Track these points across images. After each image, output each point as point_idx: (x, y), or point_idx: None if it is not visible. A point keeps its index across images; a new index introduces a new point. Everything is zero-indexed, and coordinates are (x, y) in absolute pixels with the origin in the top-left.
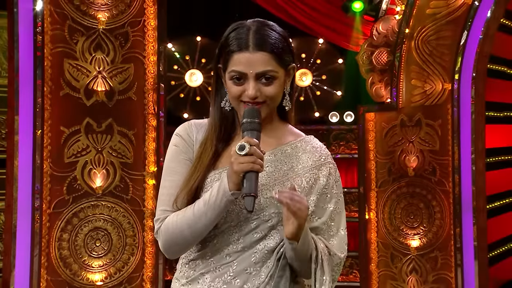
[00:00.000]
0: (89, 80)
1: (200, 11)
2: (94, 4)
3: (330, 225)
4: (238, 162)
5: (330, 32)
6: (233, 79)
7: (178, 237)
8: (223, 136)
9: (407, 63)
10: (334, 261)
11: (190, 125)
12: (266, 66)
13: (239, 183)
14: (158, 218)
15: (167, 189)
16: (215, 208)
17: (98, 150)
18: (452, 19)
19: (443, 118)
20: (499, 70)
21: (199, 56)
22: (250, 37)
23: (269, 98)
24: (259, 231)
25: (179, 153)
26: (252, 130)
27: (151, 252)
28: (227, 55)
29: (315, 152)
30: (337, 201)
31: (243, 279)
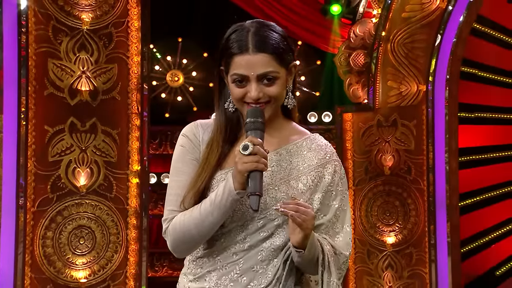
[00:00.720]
0: (73, 80)
1: (181, 12)
2: (78, 4)
3: (335, 222)
4: (242, 162)
5: (309, 34)
6: (235, 81)
7: (185, 236)
8: (228, 137)
9: (383, 65)
10: (340, 260)
11: (197, 126)
12: (267, 67)
13: (244, 183)
14: (166, 218)
15: (174, 189)
16: (221, 208)
17: (82, 149)
18: (427, 23)
19: (418, 119)
20: (471, 73)
21: (180, 57)
22: (250, 39)
23: (272, 98)
24: (266, 229)
25: (186, 153)
26: (255, 129)
27: (134, 249)
28: (228, 57)
29: (320, 150)
30: (342, 198)
31: (250, 277)
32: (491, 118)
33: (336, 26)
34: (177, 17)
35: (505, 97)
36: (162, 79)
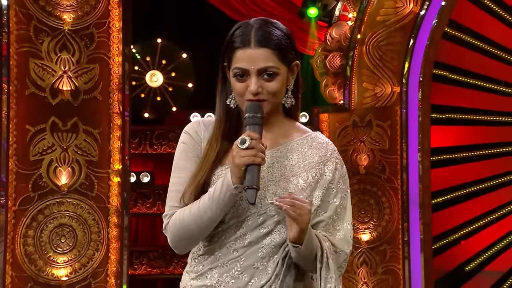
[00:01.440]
0: (55, 80)
1: (160, 13)
2: (60, 5)
3: (335, 219)
4: (239, 156)
5: None
6: (236, 76)
7: (185, 232)
8: (228, 132)
9: (359, 67)
10: (341, 258)
11: (199, 123)
12: (267, 62)
13: (242, 177)
14: (167, 214)
15: (175, 185)
16: (219, 202)
17: (64, 148)
18: (401, 26)
19: (392, 119)
20: (442, 75)
21: (159, 58)
22: (253, 34)
23: (271, 94)
24: (266, 226)
25: (187, 150)
26: (253, 124)
27: (115, 247)
28: (230, 52)
29: (321, 147)
30: (343, 196)
31: (250, 274)
32: (461, 119)
33: (313, 28)
34: (156, 18)
35: (474, 99)
36: (141, 79)
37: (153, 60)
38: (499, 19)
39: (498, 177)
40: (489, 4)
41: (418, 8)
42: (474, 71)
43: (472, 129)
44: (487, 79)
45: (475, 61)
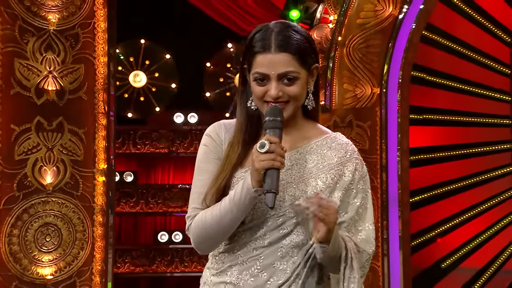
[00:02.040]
0: (40, 80)
1: (144, 14)
2: (45, 5)
3: (357, 220)
4: (259, 160)
5: None
6: (256, 80)
7: (207, 233)
8: (249, 135)
9: (339, 69)
10: (363, 258)
11: (220, 125)
12: (287, 67)
13: (261, 180)
14: (189, 215)
15: (197, 187)
16: (239, 205)
17: (49, 147)
18: (380, 29)
19: (372, 120)
20: (420, 77)
21: (143, 58)
22: (273, 38)
23: (292, 98)
24: (285, 227)
25: (209, 152)
26: (273, 128)
27: (100, 246)
28: (251, 56)
29: (340, 148)
30: (363, 196)
31: (270, 273)
32: (438, 120)
33: None
34: (140, 19)
35: (451, 100)
36: (125, 80)
37: (137, 60)
38: (474, 22)
39: (473, 176)
40: (464, 8)
41: (397, 12)
42: (450, 73)
43: (449, 129)
44: (462, 81)
45: (451, 64)
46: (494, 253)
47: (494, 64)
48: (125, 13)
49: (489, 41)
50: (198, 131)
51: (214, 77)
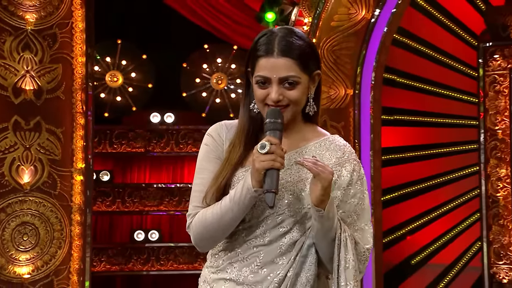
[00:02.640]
0: (17, 79)
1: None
2: (22, 5)
3: (354, 219)
4: (259, 160)
5: (244, 39)
6: (258, 83)
7: (207, 231)
8: (251, 137)
9: None
10: (359, 249)
11: (221, 125)
12: (289, 71)
13: (261, 180)
14: (190, 213)
15: (198, 186)
16: (240, 204)
17: (26, 147)
18: (354, 32)
19: (345, 121)
20: (391, 79)
21: (119, 58)
22: (276, 43)
23: (292, 102)
24: (284, 225)
25: (210, 152)
26: (274, 129)
27: (78, 245)
28: (254, 59)
29: (338, 150)
30: (361, 196)
31: (270, 269)
32: (408, 120)
33: None
34: (116, 19)
35: (420, 102)
36: (101, 80)
37: (113, 60)
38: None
39: (442, 176)
40: (434, 13)
41: (369, 15)
42: (420, 75)
43: (418, 130)
44: (432, 83)
45: (421, 66)
46: (461, 250)
47: (462, 67)
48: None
49: (457, 45)
50: (174, 131)
51: (191, 77)
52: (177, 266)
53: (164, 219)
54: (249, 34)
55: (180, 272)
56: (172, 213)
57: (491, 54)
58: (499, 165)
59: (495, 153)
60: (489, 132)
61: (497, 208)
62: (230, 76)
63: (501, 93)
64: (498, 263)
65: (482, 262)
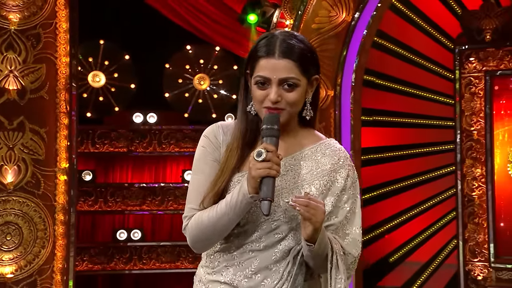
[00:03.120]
0: (1, 79)
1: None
2: (6, 5)
3: (345, 224)
4: (255, 168)
5: (226, 40)
6: (257, 83)
7: (203, 234)
8: (248, 139)
9: None
10: (349, 260)
11: (218, 127)
12: (289, 73)
13: (257, 187)
14: (186, 215)
15: (194, 188)
16: (235, 209)
17: (10, 147)
18: (334, 34)
19: (326, 121)
20: (370, 80)
21: (102, 58)
22: (277, 45)
23: (290, 104)
24: (279, 231)
25: (207, 154)
26: (270, 136)
27: (62, 244)
28: (254, 60)
29: (334, 155)
30: (353, 201)
31: (264, 275)
32: (387, 121)
33: (253, 34)
34: (99, 19)
35: (399, 103)
36: (83, 80)
37: (96, 61)
38: (421, 30)
39: (419, 175)
40: (412, 17)
41: (350, 18)
42: (399, 77)
43: (397, 130)
44: (410, 85)
45: (400, 68)
46: (438, 248)
47: (439, 69)
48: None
49: (435, 47)
50: (157, 131)
51: (173, 78)
52: (160, 265)
53: (146, 218)
54: (231, 35)
55: (163, 271)
56: (154, 212)
57: (466, 57)
58: (475, 165)
59: (471, 153)
60: (465, 133)
61: (472, 207)
62: (212, 77)
63: (476, 95)
64: (473, 261)
65: (458, 259)
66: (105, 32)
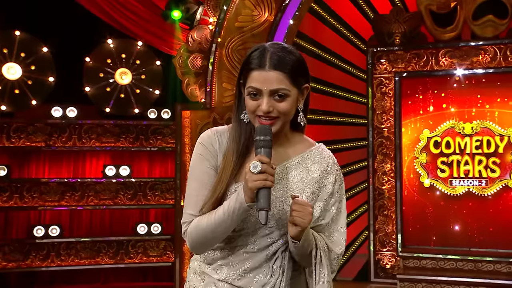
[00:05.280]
0: None
1: (19, 6)
2: None
3: (331, 224)
4: (252, 180)
5: (149, 35)
6: (250, 94)
7: (202, 238)
8: (242, 146)
9: (219, 68)
10: (332, 256)
11: (214, 134)
12: (279, 84)
13: (253, 197)
14: (185, 221)
15: (192, 194)
16: (233, 217)
17: None
18: (257, 33)
19: None
20: None
21: (17, 50)
22: (268, 57)
23: (281, 113)
24: (273, 236)
25: (204, 161)
26: (264, 147)
27: None
28: (247, 72)
29: (322, 162)
30: (339, 202)
31: (255, 273)
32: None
33: (177, 30)
34: (14, 10)
35: (316, 101)
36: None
37: (11, 52)
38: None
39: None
40: (329, 19)
41: (272, 18)
42: (317, 77)
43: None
44: (327, 84)
45: (318, 68)
46: (350, 239)
47: (353, 70)
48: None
49: (349, 49)
50: (77, 126)
51: (94, 72)
52: (79, 261)
53: (64, 214)
54: (154, 31)
55: (82, 267)
56: (74, 208)
57: (378, 59)
58: (385, 160)
59: (381, 150)
60: (376, 130)
61: (382, 200)
62: (134, 72)
63: (386, 94)
64: (383, 250)
65: (369, 249)
66: (21, 23)
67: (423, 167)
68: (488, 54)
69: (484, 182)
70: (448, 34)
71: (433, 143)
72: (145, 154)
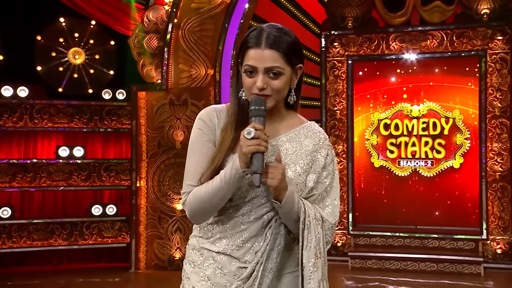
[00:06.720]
0: None
1: None
2: None
3: (325, 196)
4: (246, 145)
5: (103, 15)
6: (246, 72)
7: (201, 207)
8: (240, 121)
9: (175, 49)
10: (326, 226)
11: (212, 111)
12: (274, 62)
13: (248, 162)
14: (185, 191)
15: (191, 166)
16: (229, 184)
17: None
18: (214, 14)
19: (206, 99)
20: None
21: None
22: (264, 37)
23: (275, 90)
24: (268, 206)
25: (203, 135)
26: (258, 116)
27: None
28: (244, 50)
29: (314, 137)
30: (332, 176)
31: (252, 242)
32: None
33: (133, 10)
34: None
35: None
36: None
37: None
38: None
39: None
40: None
41: (229, 0)
42: None
43: None
44: None
45: None
46: None
47: (307, 53)
48: None
49: (303, 32)
50: (28, 105)
51: (46, 51)
52: (31, 243)
53: (15, 195)
54: (108, 10)
55: (34, 249)
56: (26, 189)
57: (331, 42)
58: (337, 142)
59: (334, 131)
60: (329, 112)
61: None
62: (88, 51)
63: (339, 77)
64: None
65: None
66: None
67: (374, 148)
68: (436, 39)
69: (430, 163)
70: (398, 19)
71: (383, 125)
72: (100, 135)
